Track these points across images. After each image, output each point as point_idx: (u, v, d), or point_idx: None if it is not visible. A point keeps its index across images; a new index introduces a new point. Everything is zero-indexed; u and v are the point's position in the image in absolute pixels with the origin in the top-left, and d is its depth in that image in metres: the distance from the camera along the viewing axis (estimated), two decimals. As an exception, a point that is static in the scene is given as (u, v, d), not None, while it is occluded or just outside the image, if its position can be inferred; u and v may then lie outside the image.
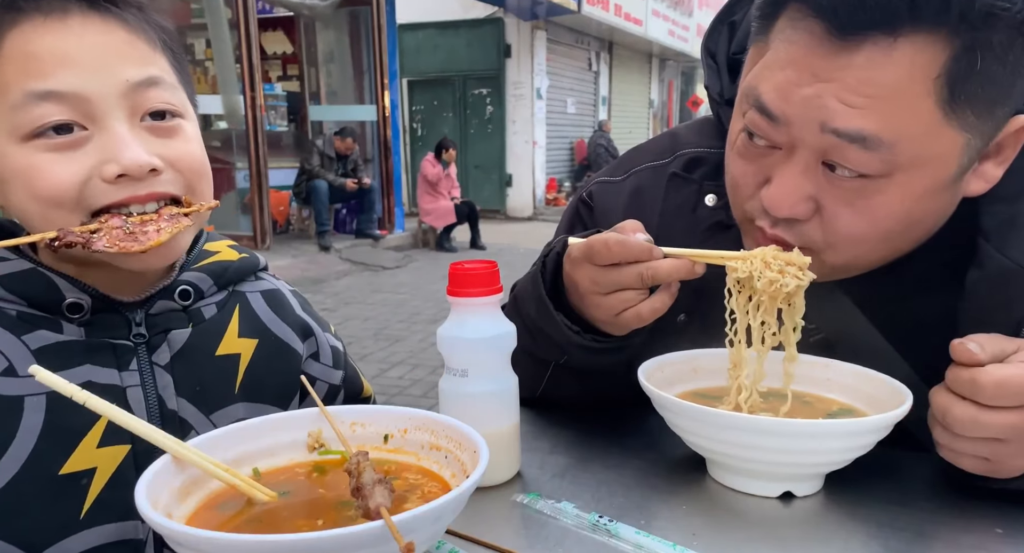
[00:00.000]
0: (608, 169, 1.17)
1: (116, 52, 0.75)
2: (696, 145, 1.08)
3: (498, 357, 0.87)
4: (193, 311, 0.88)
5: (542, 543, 0.75)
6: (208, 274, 0.89)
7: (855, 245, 0.83)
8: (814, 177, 0.80)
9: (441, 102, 14.15)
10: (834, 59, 0.73)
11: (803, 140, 0.78)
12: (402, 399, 4.39)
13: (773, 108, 0.78)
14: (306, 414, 0.77)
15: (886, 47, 0.71)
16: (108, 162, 0.73)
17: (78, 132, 0.73)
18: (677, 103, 21.41)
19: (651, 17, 16.29)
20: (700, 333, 0.99)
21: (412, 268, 8.91)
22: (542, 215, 13.78)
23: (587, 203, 1.14)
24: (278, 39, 11.45)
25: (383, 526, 0.53)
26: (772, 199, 0.82)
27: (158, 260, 0.79)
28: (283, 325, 0.96)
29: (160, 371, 0.84)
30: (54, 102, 0.72)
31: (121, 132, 0.74)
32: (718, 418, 0.80)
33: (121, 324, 0.82)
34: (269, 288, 0.98)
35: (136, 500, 0.58)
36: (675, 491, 0.87)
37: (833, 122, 0.75)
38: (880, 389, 0.87)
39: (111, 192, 0.74)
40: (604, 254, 0.84)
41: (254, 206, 8.79)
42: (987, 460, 0.76)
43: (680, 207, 1.05)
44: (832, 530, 0.78)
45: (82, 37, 0.73)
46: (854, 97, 0.73)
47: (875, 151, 0.75)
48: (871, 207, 0.79)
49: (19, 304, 0.78)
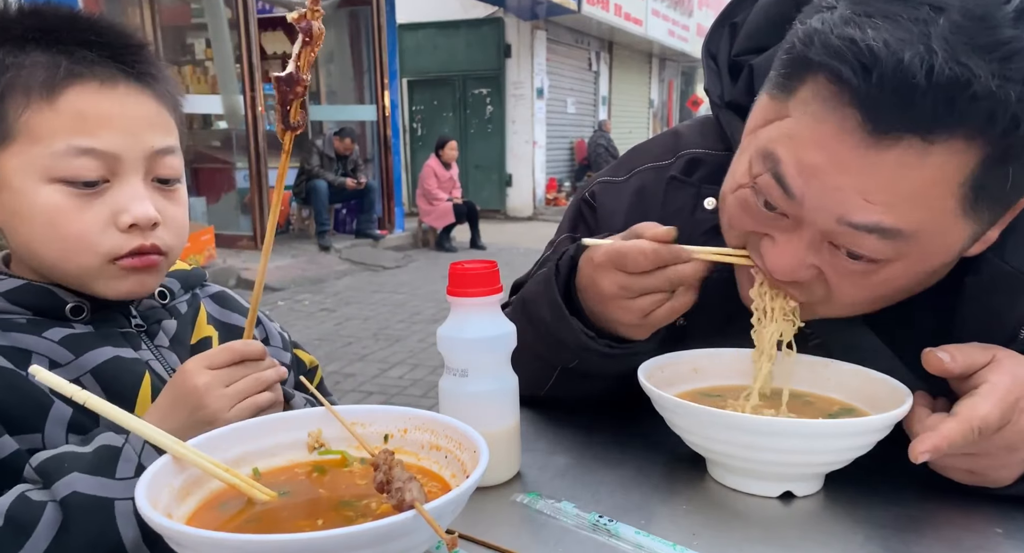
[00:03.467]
0: (610, 169, 1.17)
1: (148, 121, 0.87)
2: (698, 146, 1.08)
3: (498, 357, 0.87)
4: (171, 307, 1.00)
5: (542, 543, 0.75)
6: (176, 279, 1.02)
7: (852, 308, 0.84)
8: (818, 251, 0.79)
9: (441, 102, 14.14)
10: (864, 154, 0.70)
11: (815, 223, 0.76)
12: (402, 399, 4.39)
13: (793, 187, 0.75)
14: (306, 414, 0.78)
15: (920, 150, 0.68)
16: (123, 213, 0.84)
17: (101, 185, 0.84)
18: (677, 103, 21.41)
19: (651, 17, 16.28)
20: (698, 336, 0.99)
21: (412, 268, 8.91)
22: (542, 215, 13.78)
23: (589, 203, 1.14)
24: (278, 39, 11.43)
25: (413, 517, 0.55)
26: (774, 266, 0.82)
27: (133, 295, 0.92)
28: (234, 315, 1.09)
29: (166, 351, 0.95)
30: (92, 157, 0.82)
31: (138, 188, 0.86)
32: (718, 418, 0.80)
33: (120, 317, 0.93)
34: (216, 291, 1.12)
35: (136, 500, 0.58)
36: (675, 491, 0.87)
37: (852, 216, 0.73)
38: (880, 389, 0.87)
39: (124, 241, 0.85)
40: (640, 262, 0.85)
41: (254, 206, 8.79)
42: (972, 472, 0.78)
43: (679, 210, 1.04)
44: (832, 530, 0.78)
45: (124, 105, 0.85)
46: (878, 195, 0.71)
47: (890, 241, 0.73)
48: (874, 283, 0.79)
49: (25, 313, 0.86)
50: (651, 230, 0.87)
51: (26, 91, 0.82)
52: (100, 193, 0.84)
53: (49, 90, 0.82)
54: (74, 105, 0.82)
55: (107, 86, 0.84)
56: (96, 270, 0.86)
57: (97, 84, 0.83)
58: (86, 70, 0.83)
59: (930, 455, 0.73)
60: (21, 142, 0.82)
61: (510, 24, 13.34)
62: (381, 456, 0.63)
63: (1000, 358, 0.77)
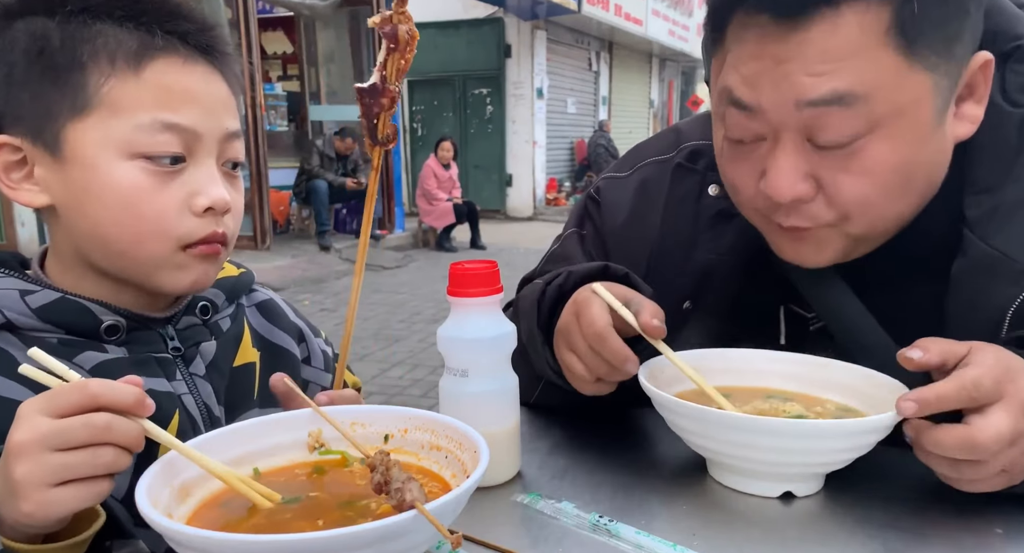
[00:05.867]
0: (614, 165, 1.20)
1: (223, 102, 0.85)
2: (699, 139, 1.10)
3: (498, 357, 0.87)
4: (212, 325, 0.93)
5: (542, 543, 0.75)
6: (220, 289, 0.94)
7: (866, 208, 0.84)
8: (805, 155, 0.82)
9: (441, 102, 14.13)
10: (789, 41, 0.77)
11: (783, 123, 0.81)
12: (402, 399, 4.38)
13: (747, 100, 0.81)
14: (306, 414, 0.77)
15: (833, 18, 0.76)
16: (199, 195, 0.80)
17: (181, 164, 0.80)
18: (677, 103, 21.40)
19: (651, 17, 16.28)
20: (705, 318, 1.00)
21: (412, 268, 8.90)
22: (542, 215, 13.77)
23: (595, 199, 1.16)
24: (278, 39, 11.44)
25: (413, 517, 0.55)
26: (772, 186, 0.83)
27: (195, 288, 0.86)
28: (279, 332, 1.02)
29: (201, 381, 0.88)
30: (175, 133, 0.79)
31: (213, 171, 0.83)
32: (718, 418, 0.80)
33: (157, 340, 0.86)
34: (263, 299, 1.03)
35: (136, 500, 0.58)
36: (675, 491, 0.87)
37: (806, 95, 0.78)
38: (880, 389, 0.87)
39: (198, 226, 0.81)
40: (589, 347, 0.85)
41: (254, 206, 8.78)
42: (1005, 471, 0.75)
43: (685, 197, 1.07)
44: (832, 530, 0.78)
45: (206, 84, 0.83)
46: (819, 66, 0.77)
47: (853, 107, 0.77)
48: (866, 166, 0.81)
49: (57, 332, 0.80)
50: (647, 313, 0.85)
51: (111, 59, 0.77)
52: (177, 173, 0.80)
53: (137, 60, 0.78)
54: (161, 78, 0.79)
55: (190, 63, 0.81)
56: (165, 258, 0.81)
57: (181, 60, 0.80)
58: (170, 46, 0.80)
59: (916, 405, 0.74)
60: (101, 114, 0.77)
61: (510, 24, 13.34)
62: (377, 457, 0.63)
63: (977, 346, 0.77)
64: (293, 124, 11.00)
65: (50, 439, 0.58)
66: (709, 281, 0.93)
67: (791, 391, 0.94)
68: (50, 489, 0.58)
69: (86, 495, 0.59)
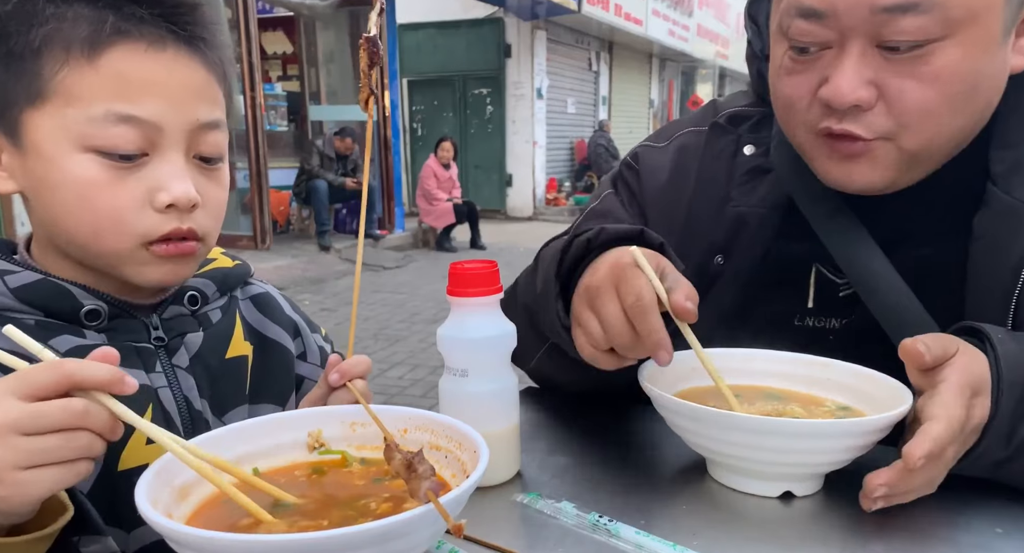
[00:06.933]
0: (651, 137, 1.22)
1: (195, 90, 0.78)
2: (736, 107, 1.13)
3: (498, 357, 0.87)
4: (201, 316, 0.90)
5: (542, 543, 0.75)
6: (211, 280, 0.92)
7: (927, 119, 0.83)
8: (872, 61, 0.82)
9: (441, 102, 14.13)
10: None
11: (854, 28, 0.80)
12: (402, 399, 4.38)
13: (818, 5, 0.80)
14: (306, 414, 0.77)
15: None
16: (160, 191, 0.76)
17: (139, 159, 0.76)
18: (677, 103, 21.38)
19: (651, 17, 16.27)
20: (735, 276, 1.01)
21: (412, 268, 8.90)
22: (542, 215, 13.76)
23: (632, 166, 1.17)
24: (278, 39, 11.44)
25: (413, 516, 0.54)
26: (834, 89, 0.83)
27: (166, 284, 0.84)
28: (274, 326, 0.99)
29: (183, 373, 0.86)
30: (132, 126, 0.74)
31: (178, 165, 0.77)
32: (718, 418, 0.80)
33: (139, 329, 0.84)
34: (258, 292, 1.00)
35: (136, 500, 0.58)
36: (675, 491, 0.87)
37: (881, 0, 0.77)
38: (880, 389, 0.87)
39: (160, 223, 0.77)
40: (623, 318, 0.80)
41: (254, 206, 8.78)
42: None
43: (720, 154, 1.09)
44: (832, 530, 0.78)
45: (172, 71, 0.77)
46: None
47: (929, 13, 0.77)
48: (935, 72, 0.80)
49: (35, 314, 0.78)
50: (681, 293, 0.80)
51: (66, 46, 0.73)
52: (137, 167, 0.76)
53: (92, 47, 0.73)
54: (117, 66, 0.74)
55: (155, 48, 0.75)
56: (128, 254, 0.78)
57: (144, 45, 0.75)
58: (134, 29, 0.75)
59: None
60: (55, 103, 0.74)
61: (510, 24, 13.33)
62: (416, 455, 0.62)
63: (961, 351, 0.77)
64: (293, 124, 10.99)
65: (23, 423, 0.55)
66: (741, 234, 0.95)
67: (791, 391, 0.95)
68: (23, 471, 0.56)
69: (63, 476, 0.57)
